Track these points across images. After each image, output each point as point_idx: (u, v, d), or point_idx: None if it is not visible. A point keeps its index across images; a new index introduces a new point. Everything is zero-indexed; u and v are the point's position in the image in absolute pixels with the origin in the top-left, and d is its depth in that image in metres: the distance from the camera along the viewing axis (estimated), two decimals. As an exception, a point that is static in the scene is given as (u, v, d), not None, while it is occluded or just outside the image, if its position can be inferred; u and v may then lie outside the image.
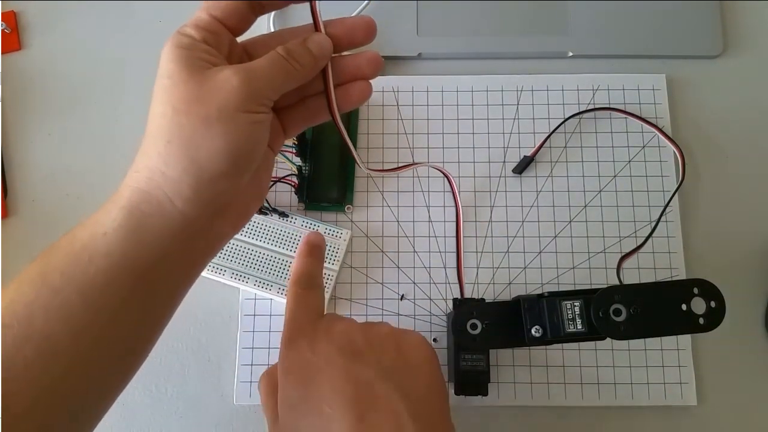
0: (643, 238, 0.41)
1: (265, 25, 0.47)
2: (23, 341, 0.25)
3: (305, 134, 0.43)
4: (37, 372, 0.25)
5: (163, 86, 0.29)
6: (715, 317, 0.32)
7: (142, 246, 0.27)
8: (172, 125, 0.28)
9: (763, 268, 0.43)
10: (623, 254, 0.40)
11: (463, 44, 0.47)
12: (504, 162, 0.45)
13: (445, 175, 0.43)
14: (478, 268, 0.43)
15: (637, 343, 0.41)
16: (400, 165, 0.41)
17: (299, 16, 0.47)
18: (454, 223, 0.43)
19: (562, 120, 0.45)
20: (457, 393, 0.39)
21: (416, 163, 0.41)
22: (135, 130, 0.46)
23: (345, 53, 0.33)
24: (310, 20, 0.31)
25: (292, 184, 0.43)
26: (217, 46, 0.31)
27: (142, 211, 0.27)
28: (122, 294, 0.27)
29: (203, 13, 0.31)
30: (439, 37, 0.47)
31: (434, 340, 0.42)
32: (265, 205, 0.41)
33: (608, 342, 0.41)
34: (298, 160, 0.44)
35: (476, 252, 0.43)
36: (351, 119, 0.45)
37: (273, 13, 0.46)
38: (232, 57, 0.32)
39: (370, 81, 0.33)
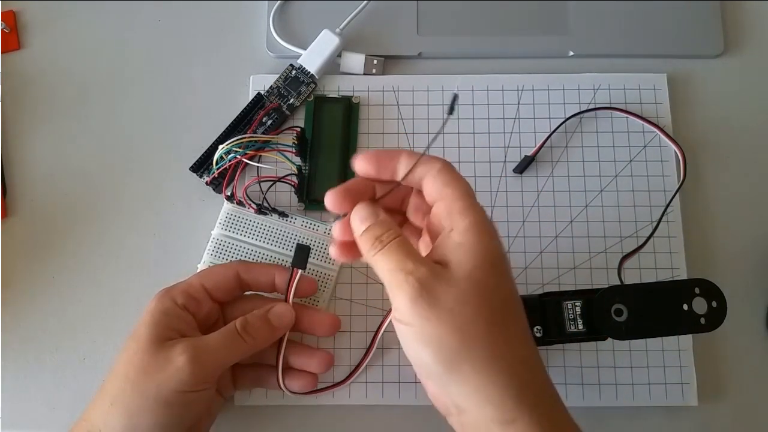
0: (645, 238, 0.41)
1: (264, 25, 0.47)
2: None
3: (305, 134, 0.43)
4: None
5: (130, 346, 0.33)
6: (716, 317, 0.32)
7: None
8: (117, 390, 0.32)
9: (764, 267, 0.43)
10: (624, 254, 0.40)
11: (463, 44, 0.47)
12: (505, 162, 0.45)
13: None
14: (478, 268, 0.43)
15: (638, 344, 0.41)
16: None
17: (299, 14, 0.47)
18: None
19: (563, 119, 0.44)
20: (457, 393, 0.39)
21: None
22: (135, 130, 0.46)
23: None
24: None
25: (292, 184, 0.42)
26: (196, 311, 0.35)
27: None
28: None
29: (196, 281, 0.36)
30: (439, 37, 0.47)
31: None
32: (265, 205, 0.41)
33: (609, 342, 0.41)
34: (298, 160, 0.44)
35: (477, 252, 0.43)
36: (351, 119, 0.45)
37: (273, 11, 0.46)
38: (209, 318, 0.36)
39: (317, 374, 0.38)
